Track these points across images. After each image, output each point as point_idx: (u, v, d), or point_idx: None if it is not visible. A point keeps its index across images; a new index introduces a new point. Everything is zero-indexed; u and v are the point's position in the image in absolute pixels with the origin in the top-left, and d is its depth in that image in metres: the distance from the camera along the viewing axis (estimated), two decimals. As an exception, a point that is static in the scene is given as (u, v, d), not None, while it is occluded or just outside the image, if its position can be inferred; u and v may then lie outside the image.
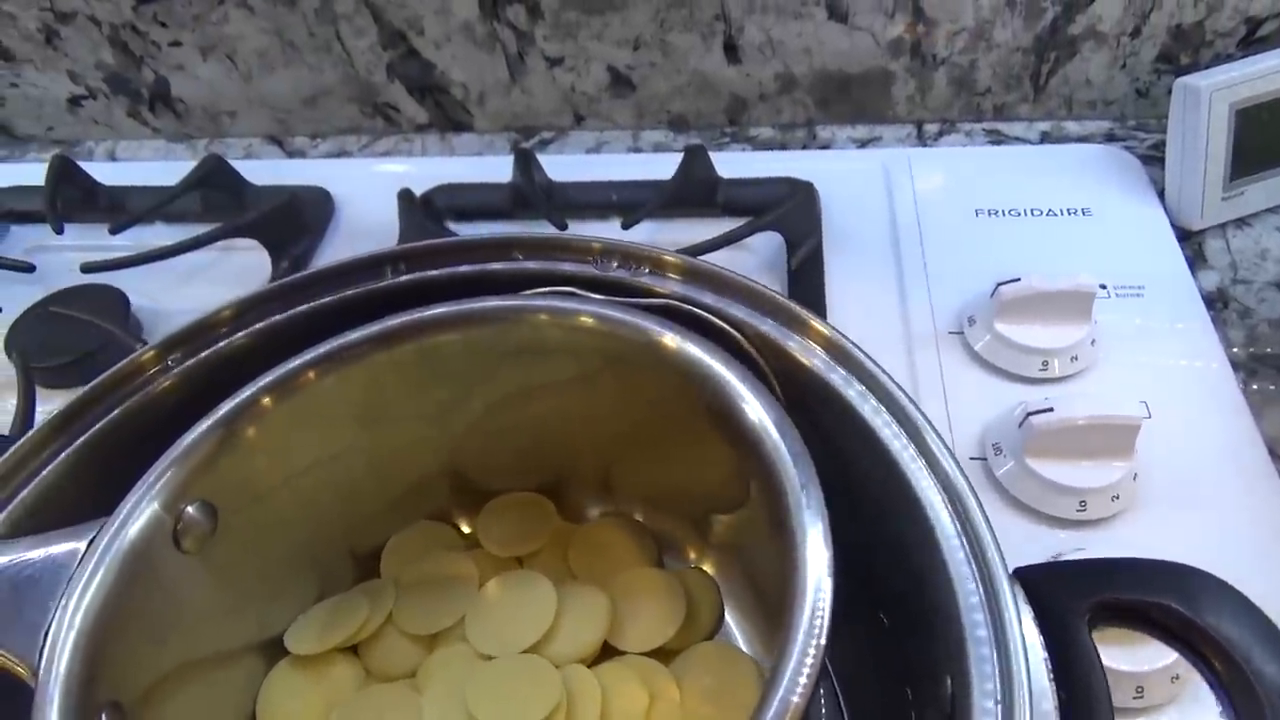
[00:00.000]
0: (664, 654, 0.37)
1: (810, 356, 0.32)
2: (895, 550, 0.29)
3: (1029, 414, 0.44)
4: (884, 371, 0.30)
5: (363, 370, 0.34)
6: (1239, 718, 0.22)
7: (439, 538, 0.41)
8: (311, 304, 0.35)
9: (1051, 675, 0.24)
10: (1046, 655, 0.24)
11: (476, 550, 0.40)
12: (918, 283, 0.54)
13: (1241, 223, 0.58)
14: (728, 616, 0.39)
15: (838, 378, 0.31)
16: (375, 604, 0.37)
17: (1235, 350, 0.52)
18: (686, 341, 0.31)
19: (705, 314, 0.33)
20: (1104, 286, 0.53)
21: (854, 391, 0.30)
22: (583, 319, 0.33)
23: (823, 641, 0.23)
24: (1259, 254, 0.57)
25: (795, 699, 0.23)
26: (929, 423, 0.29)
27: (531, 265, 0.36)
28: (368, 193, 0.64)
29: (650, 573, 0.39)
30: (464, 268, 0.36)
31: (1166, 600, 0.24)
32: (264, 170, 0.66)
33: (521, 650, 0.36)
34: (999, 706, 0.23)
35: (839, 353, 0.31)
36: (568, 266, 0.35)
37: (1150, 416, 0.47)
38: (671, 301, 0.33)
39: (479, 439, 0.38)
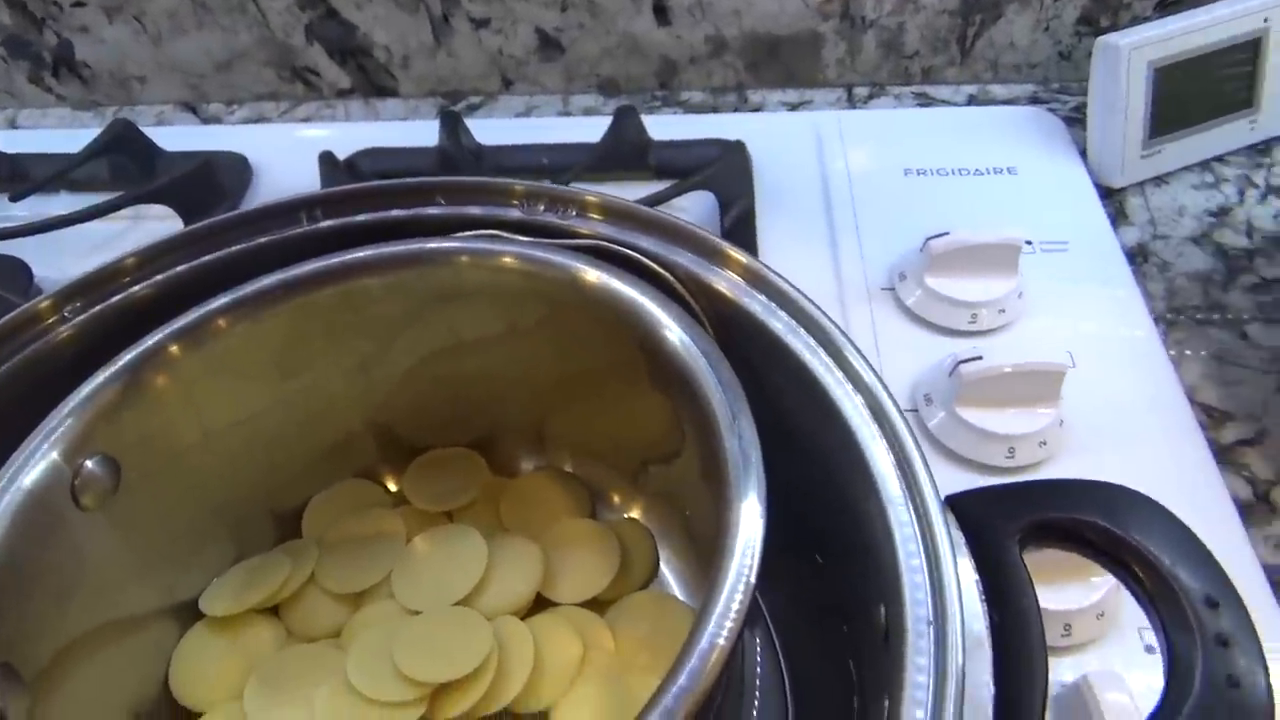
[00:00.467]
0: (598, 604, 0.36)
1: (740, 293, 0.31)
2: (828, 484, 0.29)
3: (959, 363, 0.44)
4: (814, 304, 0.30)
5: (280, 317, 0.32)
6: (1165, 629, 0.22)
7: (365, 495, 0.40)
8: (222, 252, 0.33)
9: (983, 597, 0.24)
10: (978, 578, 0.24)
11: (404, 507, 0.39)
12: (849, 241, 0.55)
13: (1160, 180, 0.60)
14: (663, 566, 0.38)
15: (767, 313, 0.30)
16: (297, 563, 0.36)
17: (1155, 303, 0.53)
18: (613, 279, 0.31)
19: (634, 254, 0.32)
20: (1029, 243, 0.54)
21: (781, 324, 0.30)
22: (505, 260, 0.32)
23: (752, 580, 0.23)
24: (1176, 210, 0.58)
25: (721, 641, 0.22)
26: (859, 352, 0.29)
27: (455, 210, 0.34)
28: (288, 158, 0.61)
29: (583, 524, 0.38)
30: (385, 213, 0.34)
31: (1094, 518, 0.24)
32: (177, 137, 0.63)
33: (451, 604, 0.35)
34: (931, 628, 0.23)
35: (769, 288, 0.31)
36: (493, 210, 0.34)
37: (1075, 366, 0.48)
38: (599, 242, 0.33)
39: (405, 392, 0.37)
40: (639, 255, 0.32)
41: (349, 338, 0.34)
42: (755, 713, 0.32)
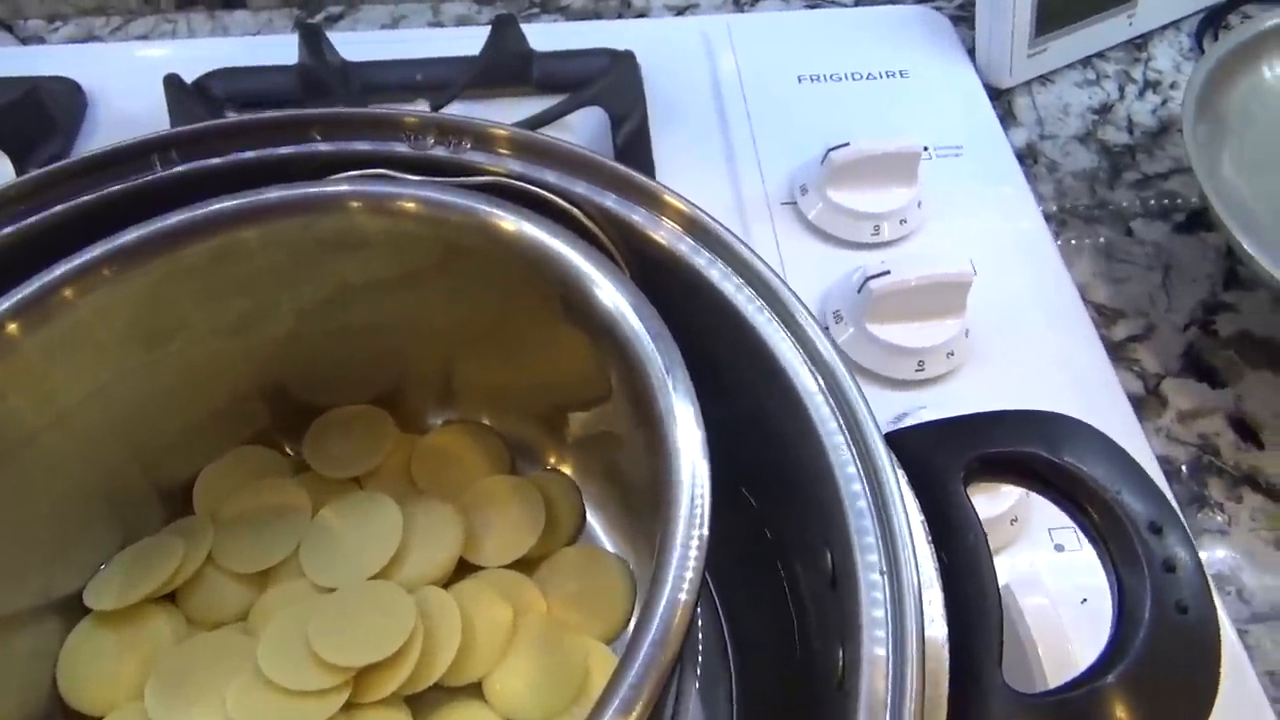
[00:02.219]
0: (525, 564, 0.34)
1: (657, 229, 0.29)
2: (760, 424, 0.28)
3: (867, 279, 0.44)
4: (734, 235, 0.28)
5: (140, 281, 0.28)
6: (1113, 558, 0.22)
7: (260, 464, 0.36)
8: (64, 205, 0.29)
9: (930, 539, 0.24)
10: (924, 519, 0.24)
11: (306, 474, 0.36)
12: (747, 154, 0.53)
13: (1045, 79, 0.60)
14: (589, 518, 0.36)
15: (687, 248, 0.29)
16: (190, 544, 0.33)
17: (1046, 203, 0.54)
18: (526, 223, 0.28)
19: (542, 191, 0.30)
20: (925, 148, 0.53)
21: (703, 260, 0.28)
22: (404, 204, 0.29)
23: (705, 531, 0.22)
24: (1062, 109, 0.59)
25: (683, 595, 0.21)
26: (785, 284, 0.27)
27: (333, 147, 0.31)
28: (126, 82, 0.55)
29: (503, 480, 0.36)
30: (252, 153, 0.31)
31: (1036, 449, 0.24)
32: (-7, 61, 0.56)
33: (367, 578, 0.32)
34: (885, 577, 0.22)
35: (687, 222, 0.29)
36: (378, 146, 0.31)
37: (976, 273, 0.48)
38: (502, 179, 0.30)
39: (294, 350, 0.34)
40: (546, 193, 0.29)
41: (224, 297, 0.30)
42: (700, 658, 0.32)
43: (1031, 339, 0.46)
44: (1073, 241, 0.52)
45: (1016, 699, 0.21)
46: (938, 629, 0.22)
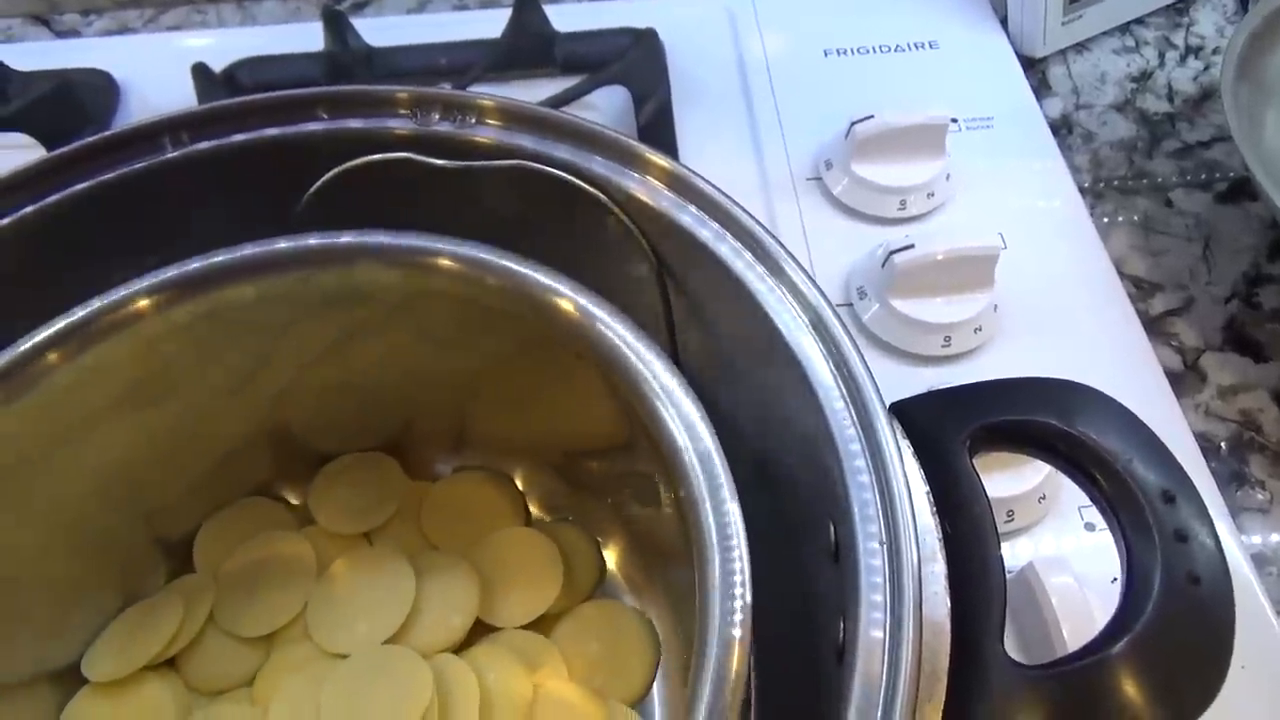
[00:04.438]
0: (543, 621, 0.33)
1: (666, 203, 0.29)
2: (768, 402, 0.28)
3: (891, 253, 0.43)
4: (745, 211, 0.28)
5: (127, 342, 0.27)
6: (1122, 527, 0.21)
7: (264, 516, 0.35)
8: (72, 189, 0.29)
9: (934, 510, 0.23)
10: (928, 489, 0.23)
11: (311, 528, 0.34)
12: (771, 130, 0.52)
13: (1081, 47, 0.58)
14: (607, 569, 0.35)
15: (698, 224, 0.28)
16: (191, 605, 0.31)
17: (1081, 174, 0.52)
18: (580, 298, 0.26)
19: (565, 175, 0.29)
20: (955, 120, 0.52)
21: (710, 232, 0.28)
22: (441, 261, 0.27)
23: (749, 600, 0.21)
24: (1098, 78, 0.57)
25: (736, 631, 0.21)
26: (794, 260, 0.27)
27: (340, 124, 0.31)
28: (158, 72, 0.56)
29: (519, 533, 0.34)
30: (264, 132, 0.31)
31: (1044, 417, 0.23)
32: (29, 54, 0.57)
33: (379, 643, 0.31)
34: (884, 548, 0.22)
35: (695, 195, 0.28)
36: (382, 122, 0.31)
37: (1006, 247, 0.47)
38: (524, 163, 0.29)
39: (297, 402, 0.32)
40: (570, 177, 0.29)
41: (218, 355, 0.29)
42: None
43: (1064, 314, 0.45)
44: (1109, 214, 0.51)
45: (1018, 671, 0.20)
46: (939, 601, 0.21)
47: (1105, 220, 0.50)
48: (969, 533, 0.22)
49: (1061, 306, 0.45)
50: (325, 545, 0.33)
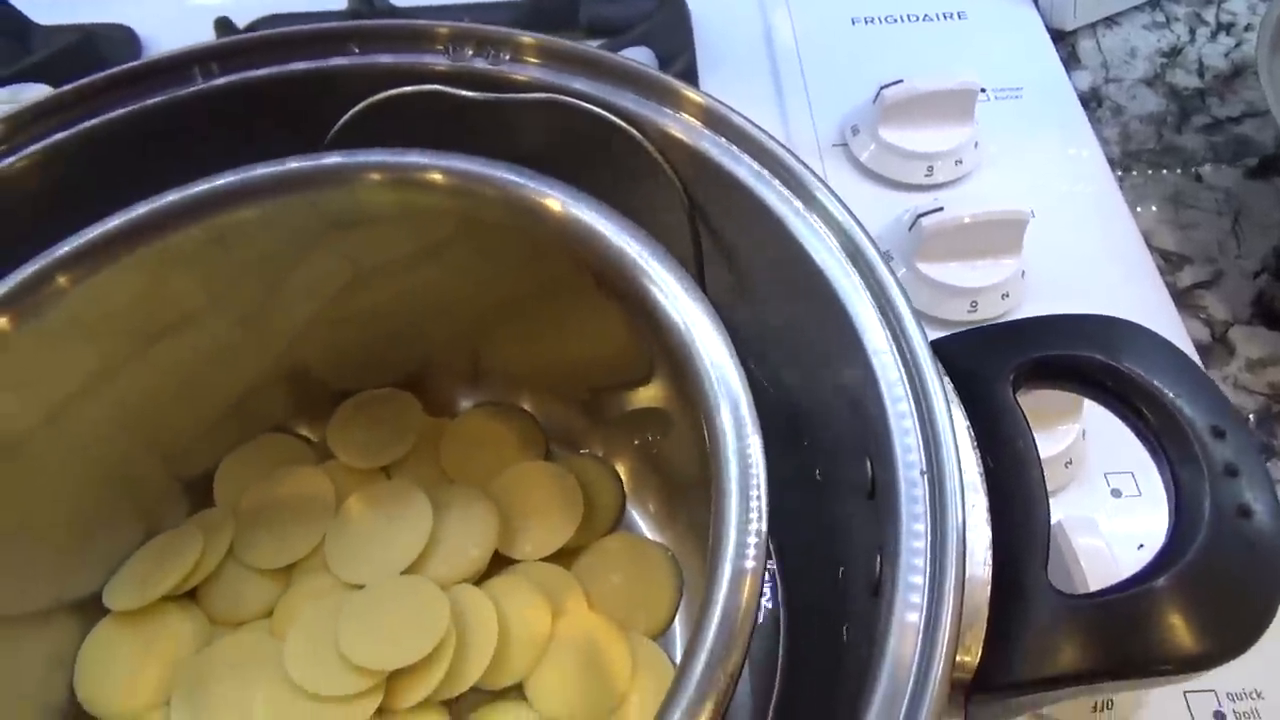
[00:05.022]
0: (563, 555, 0.32)
1: (700, 139, 0.28)
2: (803, 341, 0.27)
3: (918, 216, 0.42)
4: (789, 152, 0.27)
5: (133, 271, 0.26)
6: (1170, 460, 0.21)
7: (283, 452, 0.34)
8: (103, 117, 0.29)
9: (975, 444, 0.23)
10: (969, 424, 0.23)
11: (330, 463, 0.34)
12: (797, 96, 0.52)
13: (1110, 22, 0.57)
14: (628, 503, 0.34)
15: (733, 161, 0.28)
16: (211, 538, 0.31)
17: (1110, 147, 0.51)
18: (570, 200, 0.25)
19: (597, 110, 0.28)
20: (983, 90, 0.51)
21: (746, 170, 0.27)
22: (434, 176, 0.26)
23: (763, 526, 0.20)
24: (1128, 52, 0.56)
25: (749, 563, 0.20)
26: (835, 196, 0.26)
27: (370, 60, 0.30)
28: (178, 28, 0.55)
29: (539, 466, 0.34)
30: (295, 65, 0.30)
31: (1090, 353, 0.23)
32: (52, 8, 0.56)
33: (397, 574, 0.30)
34: (925, 477, 0.21)
35: (731, 130, 0.28)
36: (416, 58, 0.30)
37: (1034, 216, 0.46)
38: (556, 96, 0.29)
39: (312, 337, 0.32)
40: (601, 110, 0.28)
41: (225, 284, 0.29)
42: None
43: (1091, 283, 0.45)
44: (1137, 187, 0.50)
45: (1062, 601, 0.20)
46: (980, 533, 0.21)
47: (1134, 193, 0.50)
48: (1012, 466, 0.21)
49: (1089, 276, 0.45)
50: (343, 480, 0.33)
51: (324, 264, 0.30)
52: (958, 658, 0.20)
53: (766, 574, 0.21)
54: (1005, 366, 0.23)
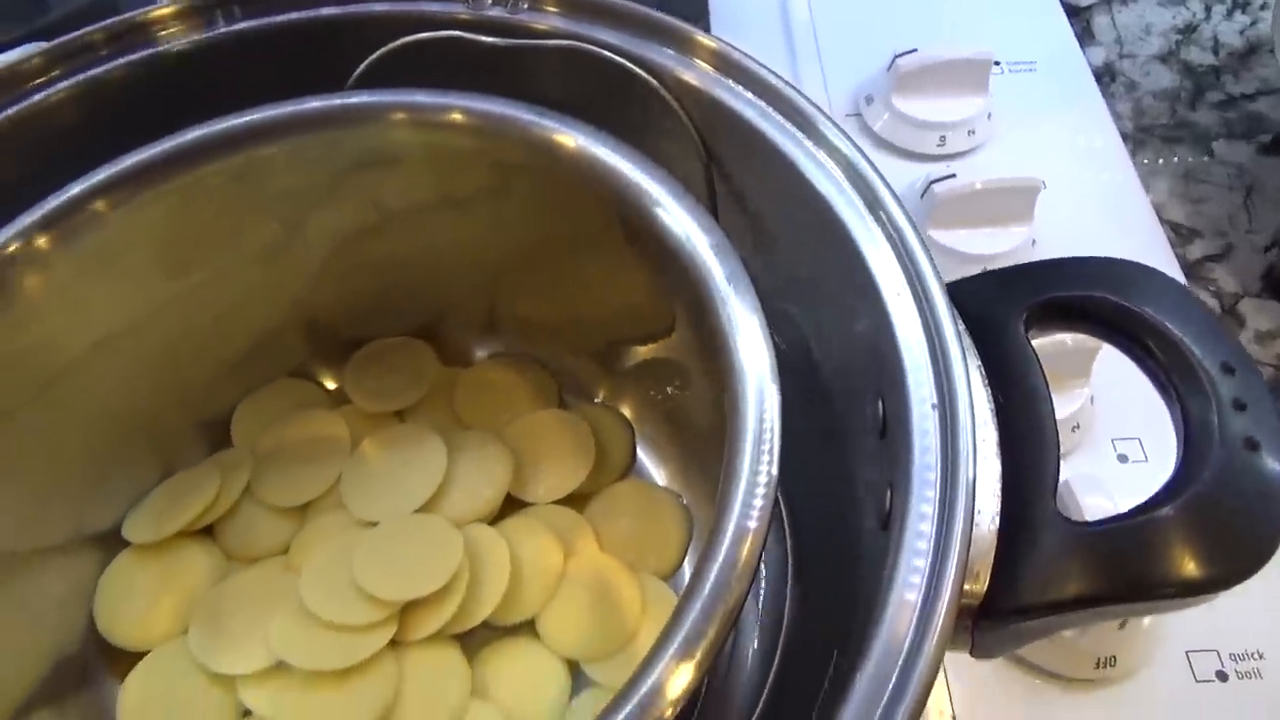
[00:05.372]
0: (575, 500, 0.33)
1: (717, 87, 0.28)
2: (809, 287, 0.28)
3: (931, 182, 0.43)
4: (803, 96, 0.28)
5: (162, 202, 0.27)
6: (1179, 395, 0.21)
7: (300, 396, 0.35)
8: (126, 59, 0.29)
9: (986, 382, 0.23)
10: (981, 364, 0.23)
11: (346, 407, 0.34)
12: (811, 65, 0.52)
13: (1126, -2, 0.58)
14: (640, 454, 0.35)
15: (752, 110, 0.28)
16: (228, 476, 0.32)
17: (1123, 122, 0.52)
18: (594, 144, 0.26)
19: (615, 57, 0.29)
20: (997, 63, 0.52)
21: (772, 125, 0.27)
22: (454, 117, 0.27)
23: (774, 470, 0.20)
24: (1143, 29, 0.56)
25: (752, 523, 0.20)
26: (854, 145, 0.26)
27: (396, 7, 0.31)
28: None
29: (551, 414, 0.34)
30: (318, 12, 0.30)
31: (1100, 292, 0.23)
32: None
33: (411, 512, 0.31)
34: (937, 411, 0.22)
35: (747, 77, 0.28)
36: (437, 7, 0.31)
37: (1046, 187, 0.46)
38: (576, 44, 0.29)
39: (330, 280, 0.32)
40: (618, 58, 0.29)
41: (248, 220, 0.29)
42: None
43: (1102, 254, 0.45)
44: (1150, 161, 0.50)
45: (1069, 529, 0.20)
46: (990, 465, 0.21)
47: (1146, 167, 0.50)
48: (1023, 402, 0.22)
49: (1100, 248, 0.44)
50: (358, 423, 0.34)
51: (344, 205, 0.30)
52: (965, 586, 0.20)
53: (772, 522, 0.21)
54: (1017, 307, 0.23)
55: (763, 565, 0.31)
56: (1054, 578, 0.20)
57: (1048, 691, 0.34)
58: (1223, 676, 0.34)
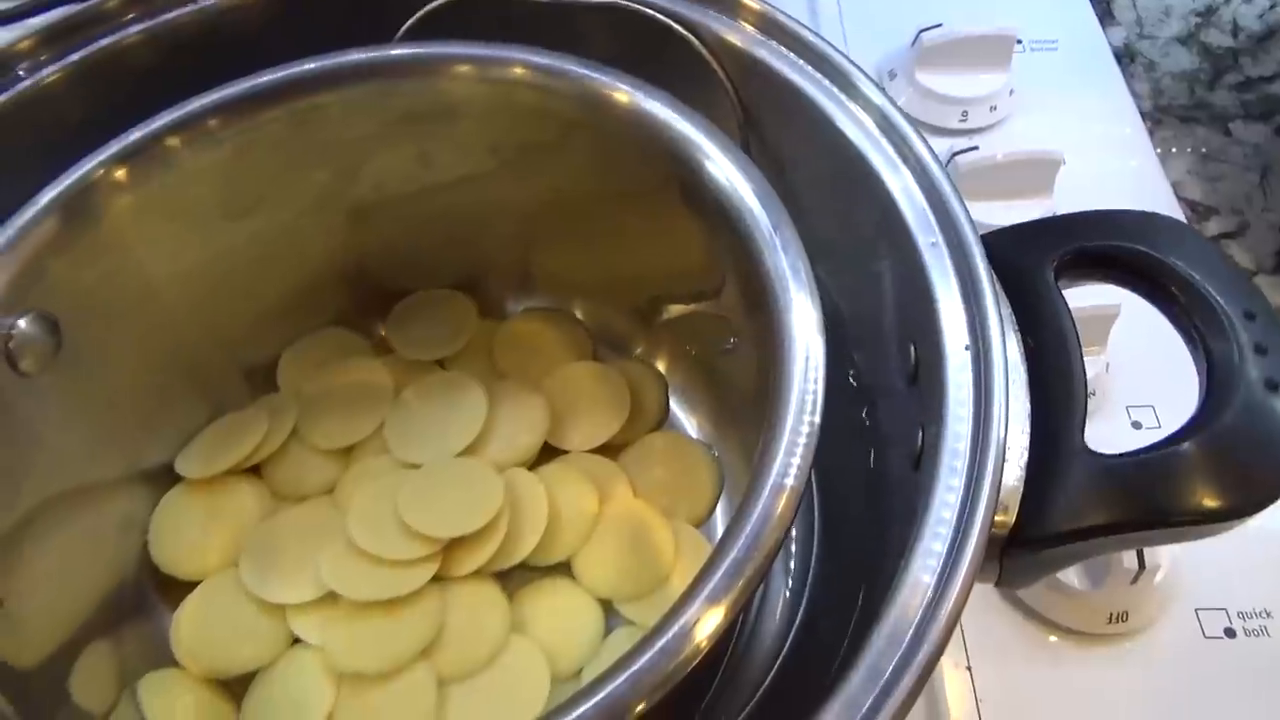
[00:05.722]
0: (610, 450, 0.34)
1: (757, 46, 0.29)
2: (848, 242, 0.29)
3: (953, 155, 0.44)
4: (840, 53, 0.28)
5: (227, 142, 0.28)
6: (1203, 338, 0.22)
7: (344, 345, 0.36)
8: (163, 19, 0.30)
9: (1016, 328, 0.24)
10: (1011, 311, 0.24)
11: (389, 357, 0.36)
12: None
13: (1147, -20, 0.58)
14: (674, 409, 0.36)
15: (790, 67, 0.29)
16: (275, 419, 0.33)
17: (1142, 101, 0.52)
18: (647, 99, 0.26)
19: (658, 15, 0.30)
20: (1019, 41, 0.52)
21: (815, 86, 0.28)
22: (516, 71, 0.28)
23: (816, 419, 0.21)
24: (1163, 10, 0.57)
25: (789, 481, 0.21)
26: (892, 102, 0.27)
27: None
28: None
29: (587, 366, 0.36)
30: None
31: (1129, 243, 0.24)
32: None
33: (453, 455, 0.32)
34: (970, 352, 0.23)
35: (784, 35, 0.29)
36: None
37: (1065, 163, 0.47)
38: (619, 2, 0.30)
39: (375, 230, 0.33)
40: (663, 17, 0.29)
41: (302, 168, 0.30)
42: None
43: (1120, 229, 0.46)
44: (1168, 140, 0.51)
45: (1095, 461, 0.21)
46: (1020, 404, 0.22)
47: (1164, 145, 0.51)
48: (1052, 343, 0.23)
49: (1118, 222, 0.46)
50: (401, 372, 0.35)
51: (393, 156, 0.31)
52: (996, 517, 0.22)
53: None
54: (1047, 257, 0.24)
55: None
56: (1079, 507, 0.21)
57: (1061, 646, 0.35)
58: (1230, 633, 0.35)
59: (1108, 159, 0.48)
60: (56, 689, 0.25)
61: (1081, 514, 0.21)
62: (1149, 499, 0.21)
